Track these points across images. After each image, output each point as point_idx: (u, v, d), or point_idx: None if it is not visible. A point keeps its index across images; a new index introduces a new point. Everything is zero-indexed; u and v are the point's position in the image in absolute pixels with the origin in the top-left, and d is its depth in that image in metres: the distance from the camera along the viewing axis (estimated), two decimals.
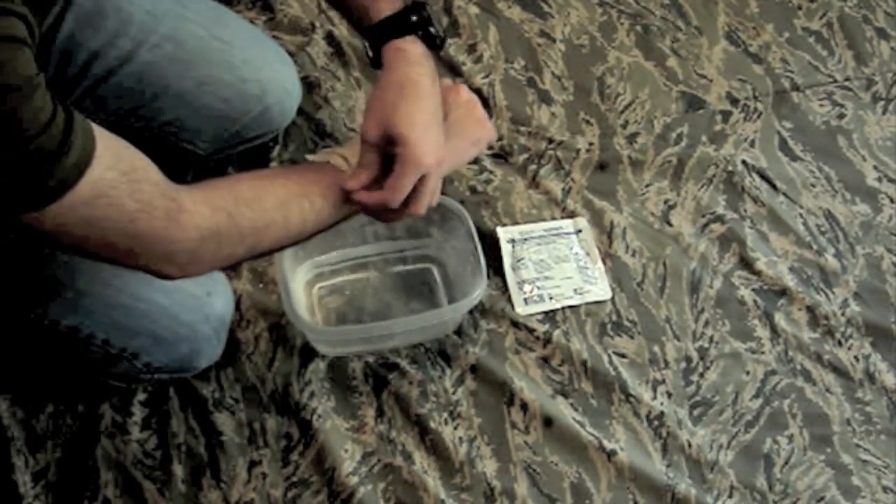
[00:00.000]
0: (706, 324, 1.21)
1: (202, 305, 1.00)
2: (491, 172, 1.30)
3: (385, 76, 0.88)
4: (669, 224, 1.29)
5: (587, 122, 1.37)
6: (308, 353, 1.14)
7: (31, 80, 0.62)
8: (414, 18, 0.88)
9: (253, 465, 1.07)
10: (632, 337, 1.19)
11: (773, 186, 1.33)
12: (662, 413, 1.13)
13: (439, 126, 0.88)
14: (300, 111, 1.28)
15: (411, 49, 0.88)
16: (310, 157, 0.93)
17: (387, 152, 0.86)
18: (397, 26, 0.89)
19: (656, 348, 1.18)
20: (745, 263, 1.26)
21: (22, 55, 0.62)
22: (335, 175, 0.88)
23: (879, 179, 1.36)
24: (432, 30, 0.89)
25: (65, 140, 0.65)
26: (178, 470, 1.06)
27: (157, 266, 0.77)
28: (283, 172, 0.89)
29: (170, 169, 0.77)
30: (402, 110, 0.85)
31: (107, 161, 0.68)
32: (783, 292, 1.24)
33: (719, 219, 1.30)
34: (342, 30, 1.41)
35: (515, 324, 1.18)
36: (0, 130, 0.61)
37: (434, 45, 0.90)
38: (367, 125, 0.86)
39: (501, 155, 1.32)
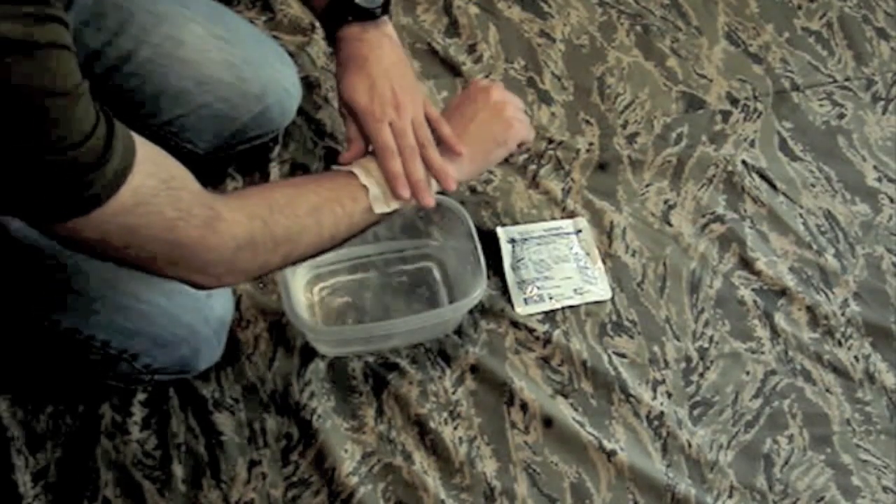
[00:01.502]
0: (706, 324, 1.21)
1: (202, 307, 1.00)
2: (491, 172, 1.30)
3: (336, 60, 1.00)
4: (669, 224, 1.29)
5: (587, 122, 1.37)
6: (308, 353, 1.14)
7: (78, 87, 0.62)
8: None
9: (253, 465, 1.07)
10: (632, 337, 1.19)
11: (773, 186, 1.33)
12: (662, 413, 1.13)
13: (393, 80, 0.97)
14: (300, 111, 1.28)
15: (349, 33, 0.98)
16: (335, 167, 0.95)
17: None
18: (338, 10, 0.98)
19: (656, 348, 1.18)
20: (745, 263, 1.26)
21: (70, 61, 0.62)
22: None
23: (879, 179, 1.36)
24: (361, 2, 0.97)
25: (107, 147, 0.65)
26: (178, 470, 1.06)
27: (193, 276, 0.78)
28: (314, 179, 0.93)
29: None
30: (346, 83, 0.97)
31: (147, 169, 0.69)
32: (783, 292, 1.24)
33: (719, 219, 1.30)
34: None
35: (515, 324, 1.18)
36: (48, 136, 0.61)
37: (374, 16, 0.98)
38: (339, 105, 1.00)
39: None
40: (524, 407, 1.12)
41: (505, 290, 1.20)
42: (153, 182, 0.69)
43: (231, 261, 0.78)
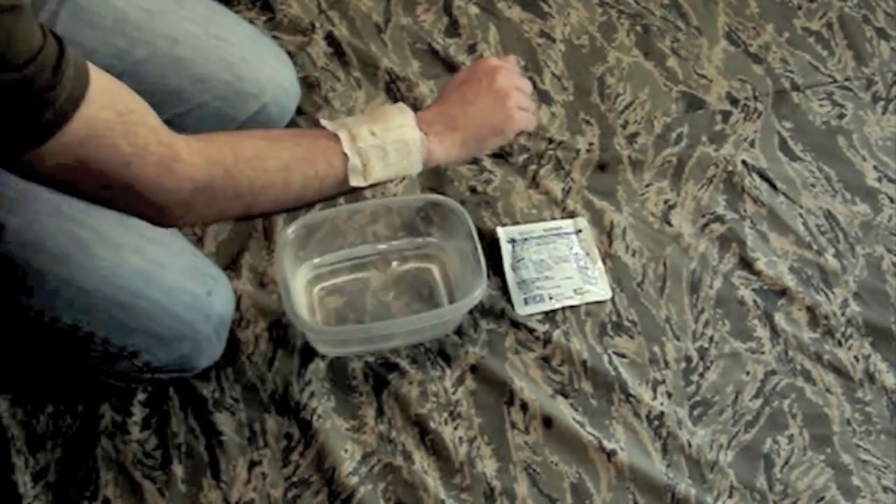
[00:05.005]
0: (706, 324, 1.21)
1: (203, 305, 1.00)
2: (491, 172, 1.30)
3: None
4: (669, 224, 1.29)
5: (587, 122, 1.37)
6: (308, 353, 1.14)
7: (21, 3, 0.61)
8: None
9: (253, 465, 1.07)
10: (632, 337, 1.19)
11: (773, 186, 1.33)
12: (662, 413, 1.13)
13: None
14: (300, 111, 1.28)
15: None
16: (323, 121, 0.91)
17: None
18: None
19: (656, 348, 1.18)
20: (745, 263, 1.26)
21: None
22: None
23: (879, 179, 1.36)
24: None
25: (56, 70, 0.64)
26: (178, 470, 1.06)
27: (149, 213, 0.77)
28: (292, 136, 0.88)
29: None
30: None
31: (102, 100, 0.68)
32: (783, 292, 1.24)
33: (719, 219, 1.30)
34: (342, 30, 1.41)
35: (515, 324, 1.18)
36: None
37: None
38: None
39: (501, 155, 1.32)
40: (524, 407, 1.12)
41: (505, 290, 1.20)
42: (108, 114, 0.68)
43: (187, 203, 0.77)
